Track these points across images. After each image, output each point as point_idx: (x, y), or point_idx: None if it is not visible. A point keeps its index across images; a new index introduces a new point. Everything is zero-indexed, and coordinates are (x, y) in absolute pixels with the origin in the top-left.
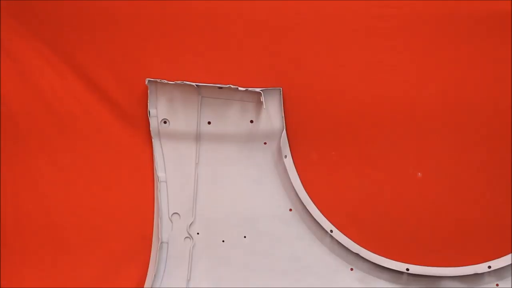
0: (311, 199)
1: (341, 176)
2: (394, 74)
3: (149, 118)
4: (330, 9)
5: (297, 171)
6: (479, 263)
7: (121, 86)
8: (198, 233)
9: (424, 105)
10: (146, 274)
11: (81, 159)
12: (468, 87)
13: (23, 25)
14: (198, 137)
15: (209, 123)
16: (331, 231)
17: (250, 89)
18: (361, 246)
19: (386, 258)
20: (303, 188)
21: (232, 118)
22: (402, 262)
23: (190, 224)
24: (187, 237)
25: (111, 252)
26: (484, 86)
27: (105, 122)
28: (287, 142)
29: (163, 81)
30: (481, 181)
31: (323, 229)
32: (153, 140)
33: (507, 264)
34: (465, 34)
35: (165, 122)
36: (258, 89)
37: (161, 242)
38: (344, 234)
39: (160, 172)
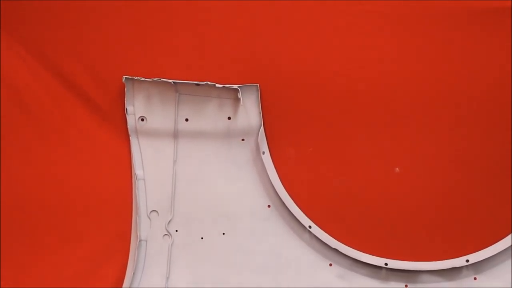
0: (289, 195)
1: (320, 172)
2: (372, 70)
3: (127, 116)
4: (308, 5)
5: (275, 168)
6: (457, 257)
7: (98, 84)
8: (176, 231)
9: (401, 101)
10: (125, 272)
11: (58, 158)
12: (446, 82)
13: None
14: (175, 134)
15: (186, 120)
16: (310, 227)
17: (227, 85)
18: (340, 241)
19: (365, 253)
20: (281, 185)
21: (209, 115)
22: (381, 257)
23: (169, 222)
24: (165, 234)
25: (89, 250)
26: (462, 82)
27: (82, 120)
28: (265, 138)
29: (140, 78)
30: (459, 176)
31: (302, 225)
32: (130, 137)
33: (485, 257)
34: (444, 29)
35: (142, 120)
36: (235, 86)
37: (140, 240)
38: (323, 230)
39: (138, 170)
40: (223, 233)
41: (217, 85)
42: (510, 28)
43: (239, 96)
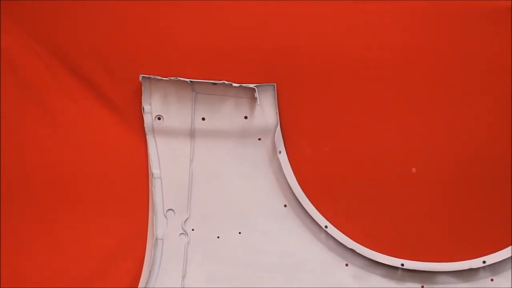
0: (305, 195)
1: (336, 171)
2: (389, 70)
3: (143, 115)
4: (325, 5)
5: (291, 167)
6: (474, 258)
7: (115, 83)
8: (193, 229)
9: (420, 100)
10: (141, 270)
11: (74, 156)
12: (463, 84)
13: (16, 23)
14: (192, 133)
15: (203, 119)
16: (326, 226)
17: (244, 85)
18: (356, 241)
19: (381, 253)
20: (297, 184)
21: (226, 114)
22: (397, 257)
23: (185, 221)
24: (182, 233)
25: (105, 249)
26: (477, 83)
27: (99, 119)
28: (282, 138)
29: (157, 77)
30: (476, 176)
31: (318, 225)
32: (147, 136)
33: (502, 259)
34: (461, 28)
35: (159, 119)
36: (252, 85)
37: (156, 239)
38: (339, 230)
39: (154, 169)
40: (239, 232)
41: (233, 84)
42: None
43: (255, 96)
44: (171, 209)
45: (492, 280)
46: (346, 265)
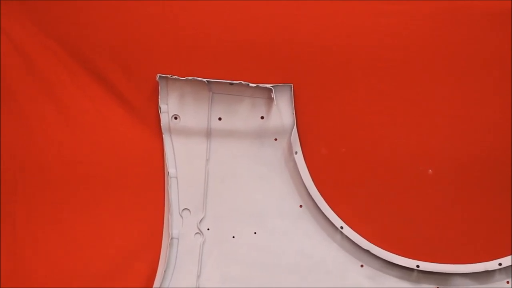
0: (321, 195)
1: (352, 172)
2: (407, 71)
3: (160, 114)
4: (343, 5)
5: (307, 168)
6: (489, 260)
7: (131, 82)
8: (208, 229)
9: (434, 103)
10: (156, 270)
11: (90, 156)
12: (475, 87)
13: (34, 23)
14: (208, 133)
15: (219, 119)
16: (342, 227)
17: (261, 85)
18: (371, 242)
19: (397, 255)
20: (313, 185)
21: (242, 114)
22: (413, 259)
23: (201, 220)
24: (197, 233)
25: (121, 248)
26: (491, 85)
27: (116, 118)
28: (298, 138)
29: (174, 77)
30: (492, 178)
31: (334, 225)
32: (163, 136)
33: None
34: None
35: (175, 118)
36: (269, 85)
37: (172, 238)
38: (355, 231)
39: (170, 168)
40: (255, 232)
41: (250, 84)
42: None
43: (272, 96)
44: (186, 209)
45: (508, 282)
46: (362, 266)
